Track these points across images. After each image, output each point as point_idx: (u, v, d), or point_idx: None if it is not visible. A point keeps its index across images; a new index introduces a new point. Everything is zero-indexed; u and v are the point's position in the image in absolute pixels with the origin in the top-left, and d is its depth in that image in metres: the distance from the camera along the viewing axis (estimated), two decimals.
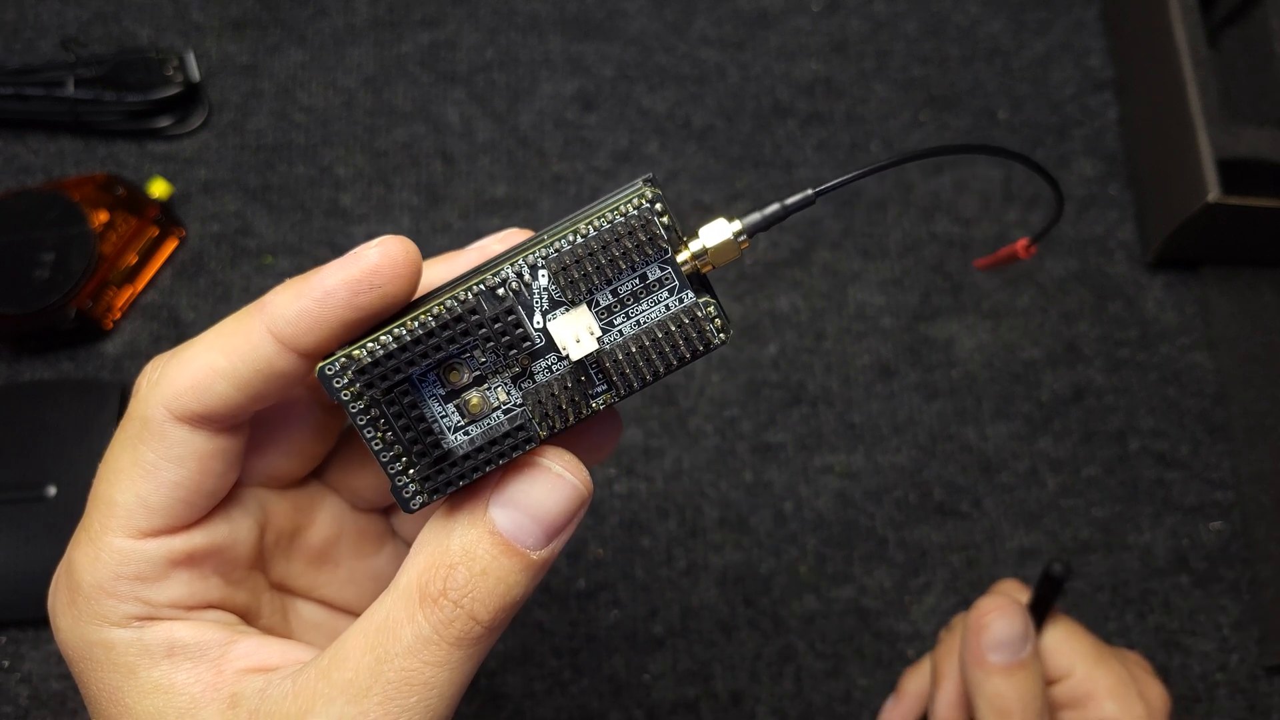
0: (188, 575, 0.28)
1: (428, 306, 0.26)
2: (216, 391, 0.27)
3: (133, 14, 0.65)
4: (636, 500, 0.57)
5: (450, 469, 0.26)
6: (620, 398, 0.27)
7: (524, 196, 0.63)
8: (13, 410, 0.56)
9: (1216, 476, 0.60)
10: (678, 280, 0.27)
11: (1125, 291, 0.63)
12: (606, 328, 0.27)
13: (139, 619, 0.28)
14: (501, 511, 0.27)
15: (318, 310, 0.26)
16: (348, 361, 0.26)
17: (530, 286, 0.26)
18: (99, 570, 0.27)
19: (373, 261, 0.26)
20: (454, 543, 0.26)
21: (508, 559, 0.26)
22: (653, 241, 0.26)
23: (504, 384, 0.27)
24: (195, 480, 0.28)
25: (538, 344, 0.26)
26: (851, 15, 0.68)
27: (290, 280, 0.27)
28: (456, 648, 0.26)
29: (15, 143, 0.62)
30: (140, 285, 0.59)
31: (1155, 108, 0.63)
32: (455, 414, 0.27)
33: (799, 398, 0.60)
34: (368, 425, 0.26)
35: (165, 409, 0.27)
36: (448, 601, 0.26)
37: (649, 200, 0.26)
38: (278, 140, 0.63)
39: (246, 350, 0.27)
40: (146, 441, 0.27)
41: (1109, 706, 0.45)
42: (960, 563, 0.58)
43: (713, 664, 0.55)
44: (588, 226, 0.26)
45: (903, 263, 0.63)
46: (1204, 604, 0.58)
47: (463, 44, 0.66)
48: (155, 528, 0.28)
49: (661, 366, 0.26)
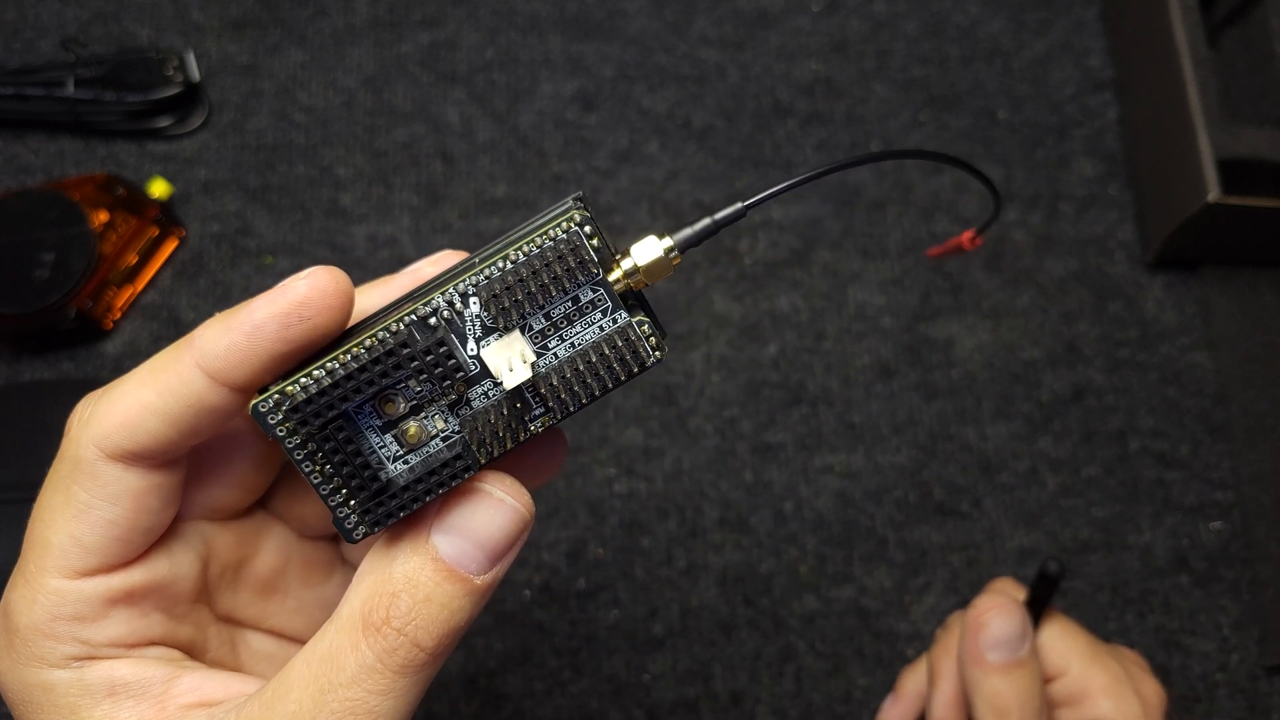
0: (127, 613, 0.28)
1: (359, 339, 0.26)
2: (148, 428, 0.26)
3: (133, 14, 0.65)
4: (636, 500, 0.57)
5: (390, 500, 0.26)
6: (558, 420, 0.27)
7: (524, 196, 0.63)
8: (13, 410, 0.56)
9: (1216, 476, 0.60)
10: (610, 301, 0.27)
11: (1125, 291, 0.63)
12: (541, 351, 0.27)
13: (78, 659, 0.27)
14: (444, 538, 0.26)
15: (247, 344, 0.26)
16: (281, 398, 0.25)
17: (462, 314, 0.26)
18: (35, 612, 0.27)
19: (301, 294, 0.26)
20: (396, 570, 0.26)
21: (451, 585, 0.26)
22: (583, 265, 0.26)
23: (441, 412, 0.27)
24: (131, 518, 0.27)
25: (472, 371, 0.26)
26: (851, 15, 0.68)
27: (219, 314, 0.27)
28: (401, 676, 0.26)
29: (15, 143, 0.62)
30: (140, 285, 0.59)
31: (1155, 108, 0.63)
32: (394, 443, 0.27)
33: (799, 398, 0.60)
34: (305, 460, 0.26)
35: (96, 447, 0.27)
36: (391, 629, 0.26)
37: (577, 223, 0.25)
38: (278, 140, 0.63)
39: (177, 386, 0.26)
40: (79, 481, 0.27)
41: (1104, 704, 0.45)
42: (960, 563, 0.58)
43: (713, 664, 0.55)
44: (517, 253, 0.26)
45: (903, 263, 0.63)
46: (1204, 604, 0.58)
47: (463, 44, 0.66)
48: (91, 567, 0.27)
49: (598, 388, 0.26)
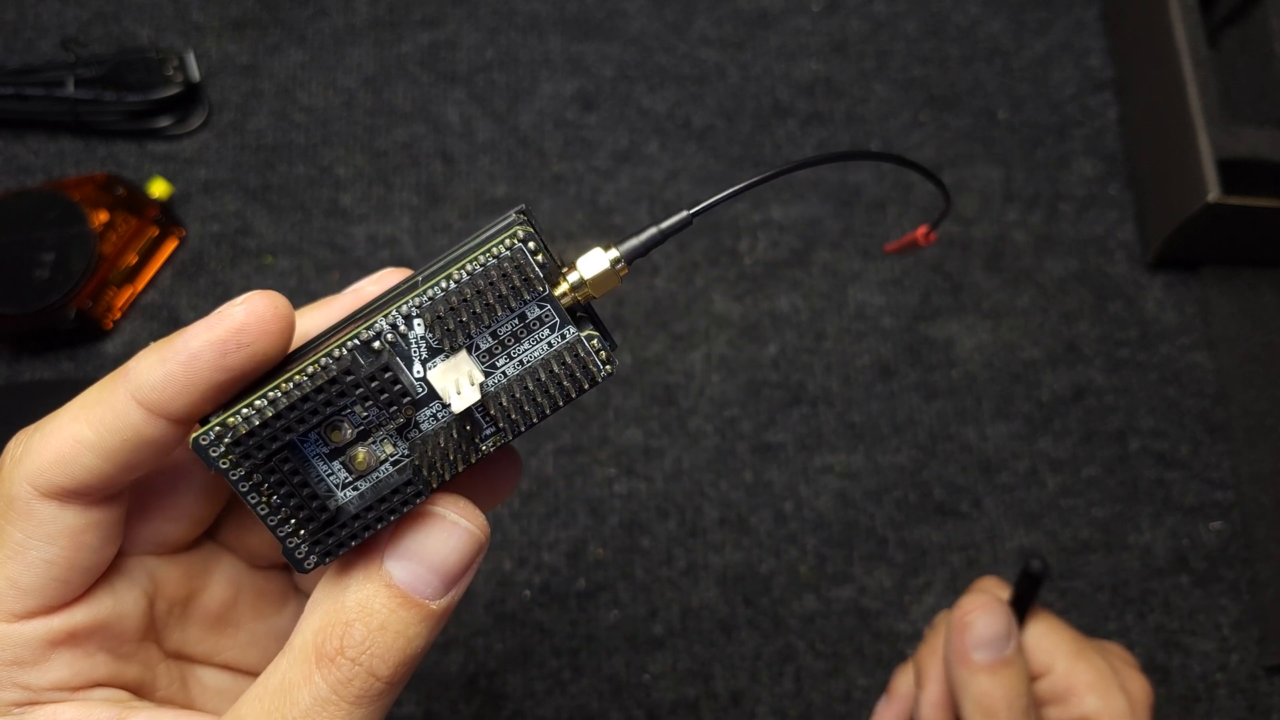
0: (70, 655, 0.27)
1: (301, 365, 0.25)
2: (83, 464, 0.26)
3: (133, 14, 0.65)
4: (636, 500, 0.57)
5: (341, 530, 0.25)
6: (509, 439, 0.26)
7: (524, 196, 0.63)
8: (13, 410, 0.56)
9: (1216, 476, 0.60)
10: (558, 316, 0.26)
11: (1125, 291, 0.63)
12: (489, 370, 0.26)
13: (19, 705, 0.26)
14: (397, 564, 0.26)
15: (184, 374, 0.25)
16: (223, 430, 0.25)
17: (407, 336, 0.25)
18: None
19: (239, 320, 0.25)
20: (349, 599, 0.26)
21: (406, 611, 0.26)
22: (527, 282, 0.25)
23: (389, 436, 0.26)
24: (69, 557, 0.26)
25: (419, 394, 0.26)
26: (851, 15, 0.68)
27: (154, 344, 0.26)
28: (357, 706, 0.25)
29: (15, 143, 0.62)
30: (140, 285, 0.59)
31: (1155, 108, 0.63)
32: (342, 470, 0.26)
33: (799, 398, 0.60)
34: (250, 491, 0.25)
35: (29, 485, 0.26)
36: (345, 660, 0.25)
37: (520, 239, 0.25)
38: (278, 140, 0.63)
39: (111, 419, 0.25)
40: (12, 521, 0.26)
41: (1091, 701, 0.44)
42: (960, 563, 0.58)
43: (713, 664, 0.55)
44: (460, 272, 0.25)
45: (903, 263, 0.63)
46: (1204, 604, 0.58)
47: (463, 44, 0.66)
48: (29, 609, 0.26)
49: (548, 406, 0.26)
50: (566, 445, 0.58)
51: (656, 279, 0.61)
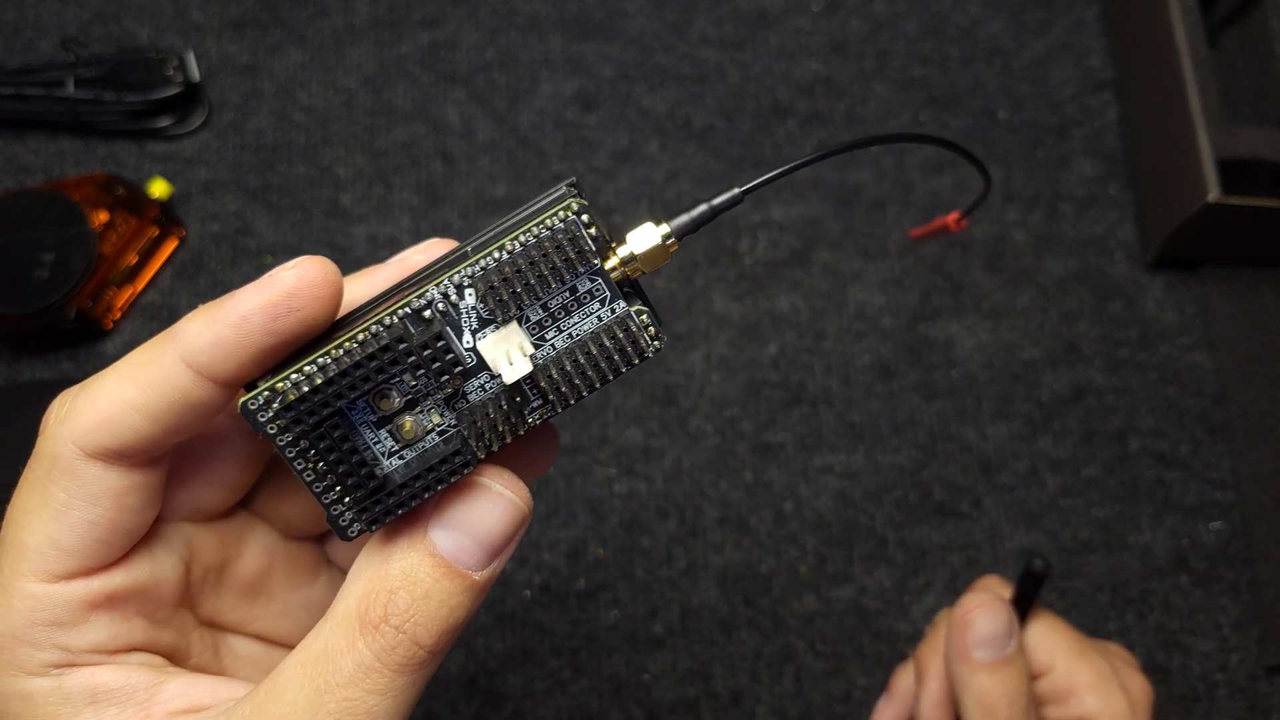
0: (108, 618, 0.27)
1: (351, 332, 0.25)
2: (129, 425, 0.25)
3: (133, 14, 0.65)
4: (636, 500, 0.57)
5: (388, 498, 0.25)
6: (556, 413, 0.26)
7: (524, 196, 0.63)
8: (13, 410, 0.56)
9: (1216, 476, 0.60)
10: (609, 290, 0.26)
11: (1125, 291, 0.63)
12: (538, 343, 0.26)
13: (57, 666, 0.26)
14: (442, 533, 0.26)
15: (233, 337, 0.25)
16: (272, 395, 0.24)
17: (458, 306, 0.25)
18: (11, 618, 0.26)
19: (290, 284, 0.25)
20: (393, 567, 0.26)
21: (450, 581, 0.26)
22: (581, 255, 0.25)
23: (436, 406, 0.26)
24: (111, 519, 0.26)
25: (468, 364, 0.26)
26: (851, 15, 0.68)
27: (203, 306, 0.26)
28: (400, 674, 0.25)
29: (15, 143, 0.62)
30: (140, 285, 0.59)
31: (1155, 108, 0.63)
32: (388, 439, 0.26)
33: (799, 398, 0.60)
34: (297, 458, 0.25)
35: (75, 445, 0.26)
36: (389, 627, 0.25)
37: (575, 212, 0.25)
38: (278, 140, 0.63)
39: (159, 381, 0.25)
40: (56, 480, 0.26)
41: (1091, 701, 0.44)
42: (960, 563, 0.58)
43: (713, 664, 0.55)
44: (513, 243, 0.25)
45: (903, 263, 0.63)
46: (1204, 604, 0.58)
47: (463, 44, 0.66)
48: (70, 570, 0.26)
49: (597, 379, 0.26)
50: (567, 445, 0.58)
51: (656, 279, 0.62)
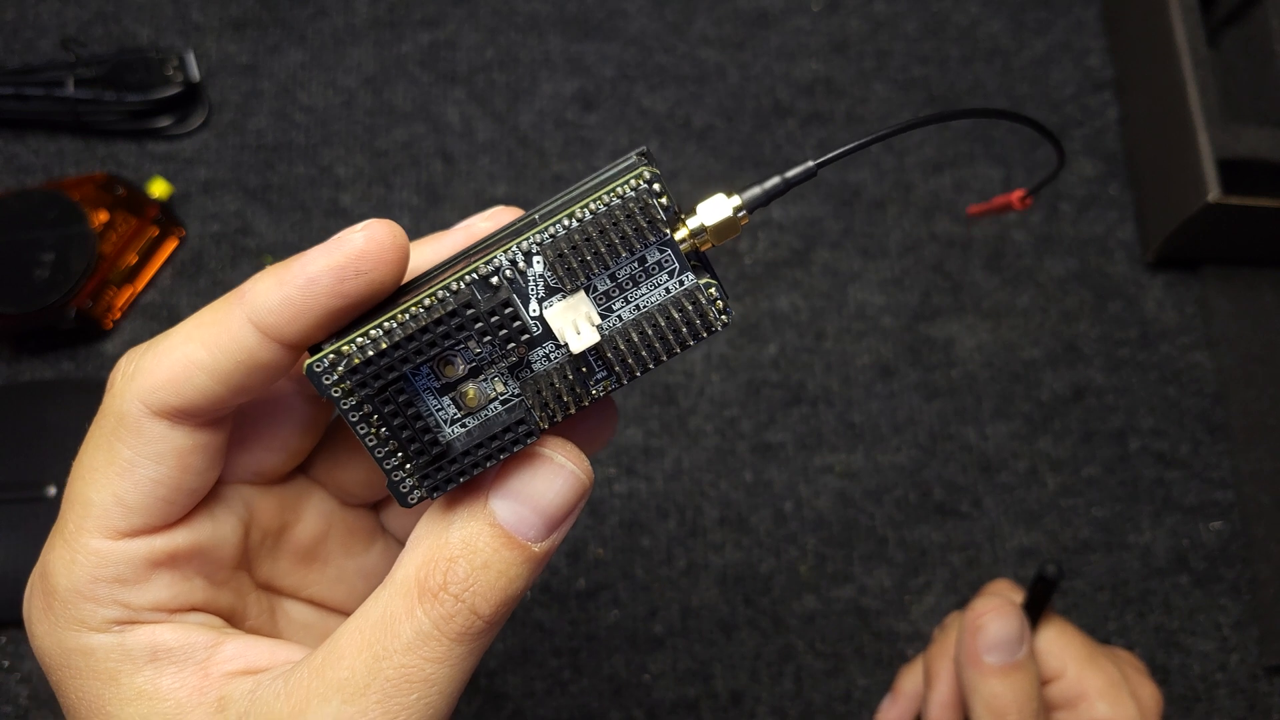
0: (170, 576, 0.27)
1: (418, 297, 0.25)
2: (195, 385, 0.25)
3: (133, 14, 0.65)
4: (636, 500, 0.57)
5: (450, 465, 0.25)
6: (620, 385, 0.26)
7: (524, 196, 0.63)
8: (13, 410, 0.56)
9: (1216, 476, 0.60)
10: (678, 262, 0.25)
11: (1125, 291, 0.63)
12: (605, 313, 0.25)
13: (119, 623, 0.26)
14: (502, 503, 0.26)
15: (301, 299, 0.25)
16: (337, 358, 0.24)
17: (525, 274, 0.25)
18: (75, 573, 0.26)
19: (358, 246, 0.25)
20: (454, 536, 0.25)
21: (509, 551, 0.25)
22: (652, 225, 0.25)
23: (500, 375, 0.26)
24: (175, 477, 0.27)
25: (535, 333, 0.25)
26: (851, 15, 0.68)
27: (271, 267, 0.25)
28: (458, 643, 0.25)
29: (15, 143, 0.62)
30: (140, 285, 0.59)
31: (1155, 107, 0.63)
32: (451, 406, 0.26)
33: (799, 398, 0.60)
34: (360, 422, 0.25)
35: (142, 403, 0.26)
36: (448, 595, 0.25)
37: (646, 181, 0.24)
38: (278, 140, 0.63)
39: (227, 341, 0.25)
40: (122, 438, 0.26)
41: (1101, 707, 0.44)
42: (960, 563, 0.58)
43: (713, 664, 0.55)
44: (583, 210, 0.24)
45: (903, 262, 0.63)
46: (1204, 604, 0.58)
47: (463, 44, 0.66)
48: (134, 527, 0.27)
49: (664, 352, 0.25)
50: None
51: None
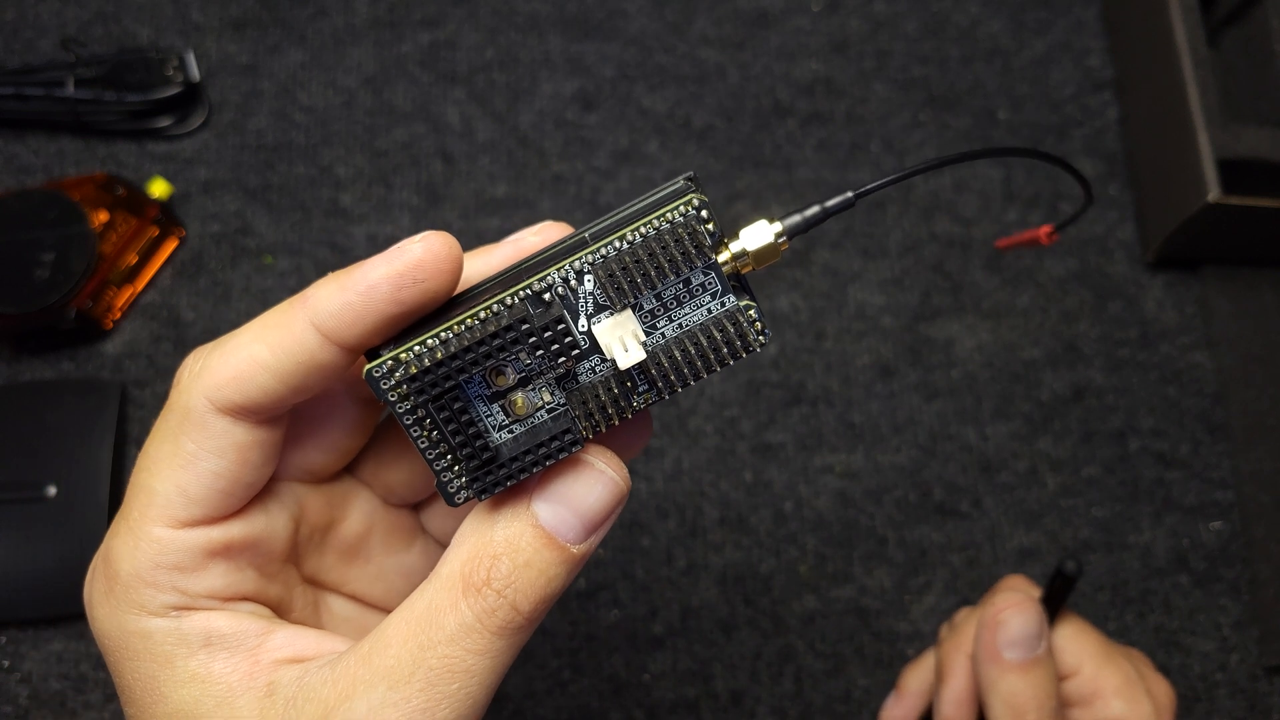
0: (225, 566, 0.29)
1: (474, 310, 0.26)
2: (258, 383, 0.27)
3: (133, 14, 0.65)
4: (636, 500, 0.57)
5: (499, 469, 0.27)
6: (660, 399, 0.27)
7: (524, 196, 0.63)
8: (13, 410, 0.56)
9: (1216, 476, 0.60)
10: (720, 284, 0.27)
11: (1125, 291, 0.63)
12: (649, 330, 0.27)
13: (176, 609, 0.28)
14: (545, 506, 0.27)
15: (361, 304, 0.26)
16: (395, 364, 0.26)
17: (576, 291, 0.26)
18: (138, 559, 0.27)
19: (416, 256, 0.26)
20: (498, 534, 0.27)
21: (550, 551, 0.27)
22: (700, 249, 0.26)
23: (548, 385, 0.27)
24: (234, 471, 0.28)
25: (583, 347, 0.27)
26: (851, 15, 0.68)
27: (333, 274, 0.27)
28: (499, 637, 0.26)
29: (15, 143, 0.62)
30: (140, 285, 0.59)
31: (1155, 107, 0.63)
32: (500, 413, 0.27)
33: (799, 398, 0.60)
34: (414, 425, 0.26)
35: (207, 399, 0.27)
36: (491, 591, 0.26)
37: (695, 207, 0.26)
38: (278, 140, 0.63)
39: (289, 343, 0.27)
40: (187, 432, 0.27)
41: (1116, 704, 0.45)
42: (960, 562, 0.58)
43: (713, 664, 0.55)
44: (634, 234, 0.26)
45: (903, 263, 0.63)
46: (1204, 604, 0.58)
47: (463, 44, 0.66)
48: (194, 518, 0.28)
49: (704, 369, 0.27)
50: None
51: None
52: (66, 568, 0.53)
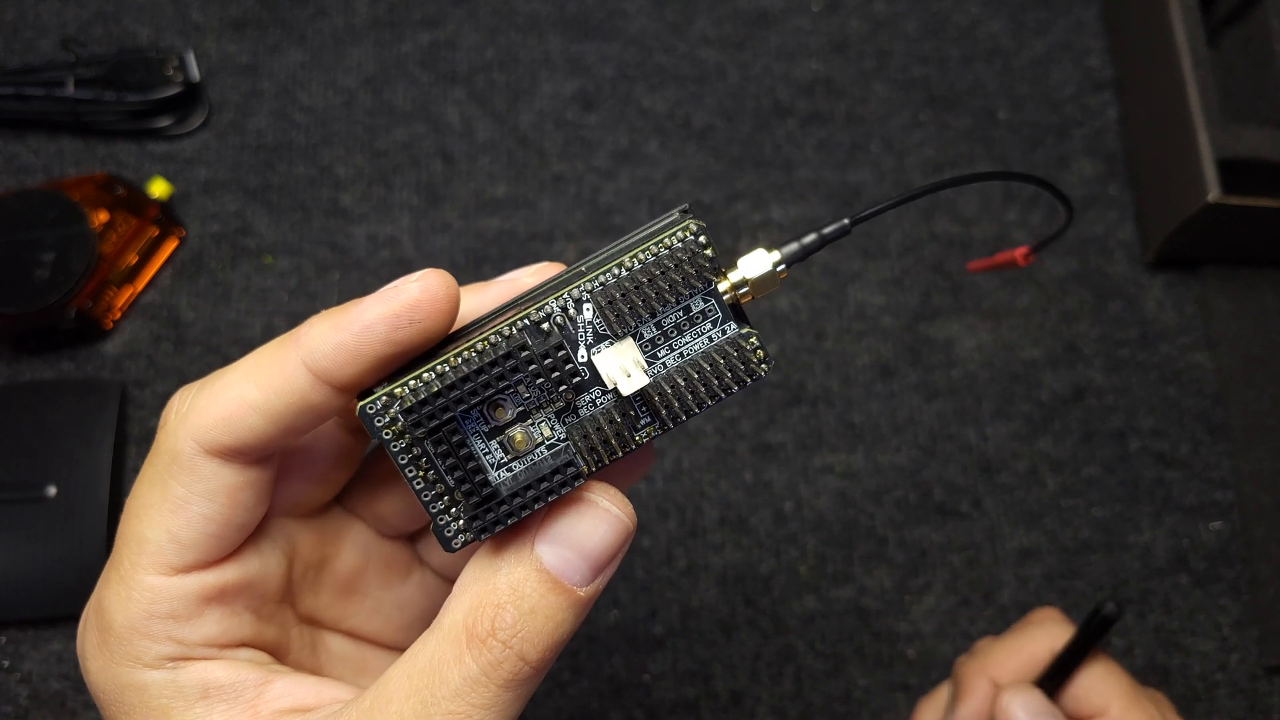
0: (220, 612, 0.28)
1: (471, 342, 0.25)
2: (248, 424, 0.26)
3: (133, 14, 0.65)
4: (636, 500, 0.57)
5: (498, 508, 0.26)
6: (664, 431, 0.27)
7: (524, 196, 0.63)
8: (13, 410, 0.56)
9: (1216, 476, 0.60)
10: (721, 312, 0.27)
11: (1125, 291, 0.63)
12: (651, 360, 0.27)
13: (173, 659, 0.27)
14: (548, 548, 0.26)
15: (355, 344, 0.25)
16: (390, 400, 0.25)
17: (575, 320, 0.26)
18: (131, 609, 0.27)
19: (414, 296, 0.25)
20: (501, 581, 0.26)
21: (555, 596, 0.26)
22: (699, 274, 0.26)
23: (548, 419, 0.26)
24: (226, 514, 0.27)
25: (583, 378, 0.26)
26: (851, 15, 0.68)
27: (326, 312, 0.26)
28: (505, 689, 0.25)
29: (15, 143, 0.62)
30: (140, 285, 0.59)
31: (1155, 107, 0.63)
32: (498, 450, 0.26)
33: (799, 398, 0.60)
34: (409, 464, 0.26)
35: (195, 442, 0.26)
36: (496, 642, 0.25)
37: (694, 233, 0.26)
38: (278, 140, 0.63)
39: (280, 383, 0.26)
40: (176, 476, 0.27)
41: None
42: (960, 563, 0.58)
43: (713, 664, 0.55)
44: (633, 260, 0.26)
45: (903, 263, 0.63)
46: (1204, 604, 0.58)
47: (463, 44, 0.66)
48: (187, 564, 0.27)
49: (708, 397, 0.26)
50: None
51: None
52: (66, 568, 0.53)
